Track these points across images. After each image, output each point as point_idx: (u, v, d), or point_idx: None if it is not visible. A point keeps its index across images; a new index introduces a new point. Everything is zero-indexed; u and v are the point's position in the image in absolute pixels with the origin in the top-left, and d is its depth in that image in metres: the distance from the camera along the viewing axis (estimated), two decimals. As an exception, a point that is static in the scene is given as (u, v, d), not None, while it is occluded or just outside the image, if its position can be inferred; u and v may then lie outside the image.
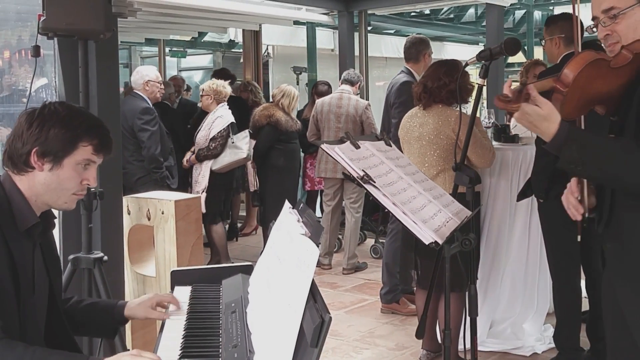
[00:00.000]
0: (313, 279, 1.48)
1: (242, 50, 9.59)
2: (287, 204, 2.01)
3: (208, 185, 5.57)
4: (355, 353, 4.16)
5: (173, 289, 2.30)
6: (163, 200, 3.57)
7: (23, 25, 4.08)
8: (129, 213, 3.68)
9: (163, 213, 3.54)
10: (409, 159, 3.04)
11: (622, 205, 1.96)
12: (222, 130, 5.58)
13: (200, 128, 5.75)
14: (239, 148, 5.63)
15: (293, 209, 1.94)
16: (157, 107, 5.36)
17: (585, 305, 3.80)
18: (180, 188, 5.19)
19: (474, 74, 4.97)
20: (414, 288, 4.55)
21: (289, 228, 1.81)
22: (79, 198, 1.98)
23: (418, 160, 3.73)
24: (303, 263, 1.53)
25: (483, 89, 2.86)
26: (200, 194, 5.45)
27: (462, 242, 2.45)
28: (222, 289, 2.22)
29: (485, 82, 2.86)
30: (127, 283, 3.67)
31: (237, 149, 5.63)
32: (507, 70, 11.08)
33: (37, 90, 3.78)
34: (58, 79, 3.45)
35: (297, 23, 9.08)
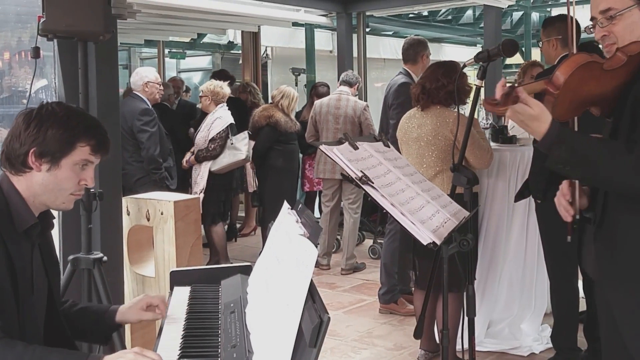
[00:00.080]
0: (312, 279, 1.48)
1: (241, 52, 9.59)
2: (285, 205, 2.00)
3: (207, 186, 5.56)
4: (354, 353, 4.17)
5: (172, 289, 2.30)
6: (162, 201, 3.57)
7: (23, 27, 4.08)
8: (129, 214, 3.68)
9: (162, 214, 3.54)
10: (407, 160, 3.05)
11: (614, 207, 1.96)
12: (221, 132, 5.57)
13: (200, 129, 5.76)
14: (238, 149, 5.63)
15: (292, 210, 1.94)
16: (156, 108, 5.36)
17: (583, 306, 3.81)
18: (180, 189, 5.18)
19: (472, 75, 4.99)
20: (412, 288, 4.56)
21: (288, 228, 1.81)
22: (77, 198, 1.97)
23: (416, 161, 3.74)
24: (302, 263, 1.53)
25: (481, 90, 2.86)
26: (199, 195, 5.46)
27: (460, 242, 2.45)
28: (221, 289, 2.22)
29: (483, 83, 2.87)
30: (126, 283, 3.67)
31: (236, 150, 5.62)
32: (504, 72, 11.10)
33: (36, 92, 3.78)
34: (58, 80, 3.45)
35: (295, 24, 9.07)
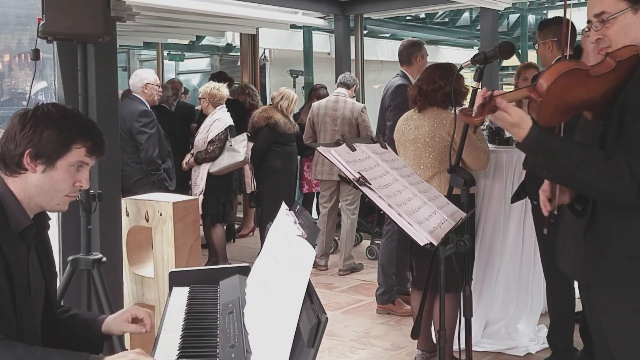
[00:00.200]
0: (309, 280, 1.49)
1: (239, 54, 9.60)
2: (284, 206, 2.01)
3: (207, 188, 5.57)
4: (351, 353, 4.18)
5: (171, 290, 2.31)
6: (161, 202, 3.59)
7: (23, 29, 4.09)
8: (128, 215, 3.70)
9: (161, 215, 3.55)
10: (405, 162, 3.06)
11: (602, 210, 1.98)
12: (220, 133, 5.58)
13: (199, 131, 5.77)
14: (237, 151, 5.63)
15: (290, 211, 1.95)
16: (154, 109, 5.37)
17: (579, 306, 3.82)
18: (180, 190, 5.19)
19: (469, 77, 5.01)
20: (410, 289, 4.57)
21: (286, 229, 1.81)
22: (72, 200, 1.96)
23: (413, 163, 3.75)
24: (299, 264, 1.53)
25: (478, 92, 2.88)
26: (198, 196, 5.48)
27: (457, 243, 2.46)
28: (219, 290, 2.23)
29: (480, 85, 2.87)
30: (125, 284, 3.68)
31: (234, 152, 5.62)
32: (501, 74, 11.12)
33: (36, 94, 3.79)
34: (57, 82, 3.45)
35: (293, 27, 9.10)
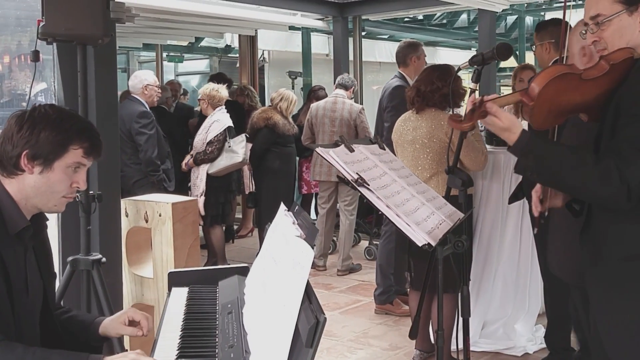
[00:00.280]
0: (308, 280, 1.49)
1: (238, 55, 9.61)
2: (282, 207, 2.01)
3: (207, 189, 5.58)
4: (350, 353, 4.19)
5: (170, 290, 2.32)
6: (160, 203, 3.59)
7: (23, 31, 4.10)
8: (127, 215, 3.71)
9: (160, 215, 3.56)
10: (403, 162, 3.08)
11: (597, 212, 1.99)
12: (218, 135, 5.59)
13: (198, 132, 5.78)
14: (235, 152, 5.64)
15: (288, 212, 1.95)
16: (153, 111, 5.38)
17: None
18: (179, 191, 5.20)
19: (467, 79, 5.01)
20: (408, 289, 4.58)
21: (285, 230, 1.82)
22: (69, 201, 1.95)
23: (411, 164, 3.76)
24: (298, 264, 1.54)
25: (475, 94, 2.89)
26: (199, 198, 5.49)
27: (454, 244, 2.46)
28: (218, 290, 2.24)
29: (478, 86, 2.89)
30: (125, 284, 3.69)
31: (233, 153, 5.63)
32: (499, 75, 11.14)
33: (36, 95, 3.80)
34: (57, 84, 3.46)
35: (292, 28, 9.12)
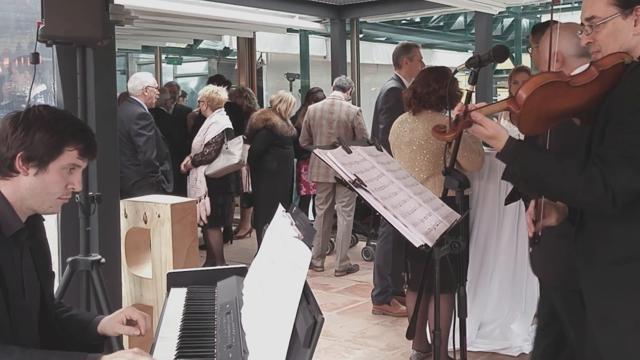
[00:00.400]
0: (306, 281, 1.50)
1: (236, 57, 9.63)
2: (280, 208, 2.01)
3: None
4: (347, 353, 4.20)
5: (169, 291, 2.33)
6: (159, 204, 3.61)
7: (22, 33, 4.11)
8: (126, 216, 3.72)
9: (159, 216, 3.58)
10: (400, 164, 3.09)
11: (589, 216, 2.01)
12: (216, 136, 5.60)
13: (197, 133, 5.79)
14: (232, 154, 5.65)
15: (286, 213, 1.95)
16: (152, 112, 5.39)
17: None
18: (177, 192, 5.20)
19: (463, 81, 5.05)
20: (405, 290, 4.59)
21: (283, 231, 1.82)
22: (64, 202, 1.94)
23: (408, 165, 3.78)
24: (296, 265, 1.55)
25: (472, 95, 2.91)
26: (203, 199, 5.50)
27: (451, 244, 2.46)
28: (217, 291, 2.25)
29: (474, 88, 2.91)
30: (124, 285, 3.70)
31: (230, 155, 5.64)
32: (495, 77, 11.17)
33: (35, 97, 3.81)
34: (57, 86, 3.47)
35: (290, 30, 9.13)
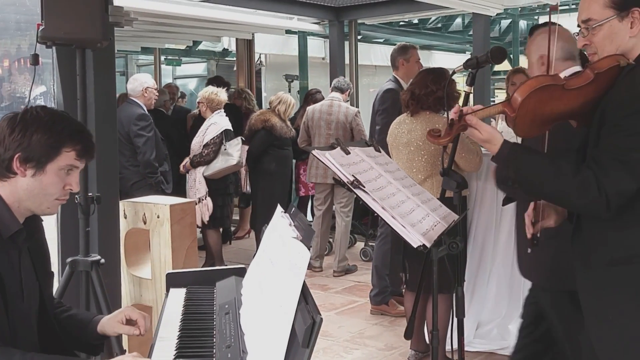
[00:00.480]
0: (304, 281, 1.50)
1: (235, 59, 9.65)
2: (279, 208, 2.02)
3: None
4: (346, 353, 4.22)
5: (168, 291, 2.33)
6: (159, 205, 3.61)
7: (22, 35, 4.12)
8: (126, 217, 3.72)
9: (159, 217, 3.59)
10: (398, 165, 3.11)
11: (585, 217, 2.03)
12: (215, 137, 5.61)
13: (196, 134, 5.80)
14: (230, 155, 5.65)
15: (285, 213, 1.96)
16: (151, 113, 5.39)
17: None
18: (176, 193, 5.21)
19: (461, 82, 5.06)
20: (403, 290, 4.60)
21: (281, 232, 1.82)
22: (62, 203, 1.94)
23: (406, 166, 3.79)
24: (295, 265, 1.55)
25: (470, 96, 2.92)
26: (204, 200, 5.51)
27: (449, 245, 2.46)
28: (216, 291, 2.25)
29: (472, 89, 2.92)
30: (123, 285, 3.71)
31: (228, 156, 5.65)
32: (493, 78, 11.18)
33: (35, 98, 3.82)
34: (56, 87, 3.47)
35: (289, 32, 9.13)
